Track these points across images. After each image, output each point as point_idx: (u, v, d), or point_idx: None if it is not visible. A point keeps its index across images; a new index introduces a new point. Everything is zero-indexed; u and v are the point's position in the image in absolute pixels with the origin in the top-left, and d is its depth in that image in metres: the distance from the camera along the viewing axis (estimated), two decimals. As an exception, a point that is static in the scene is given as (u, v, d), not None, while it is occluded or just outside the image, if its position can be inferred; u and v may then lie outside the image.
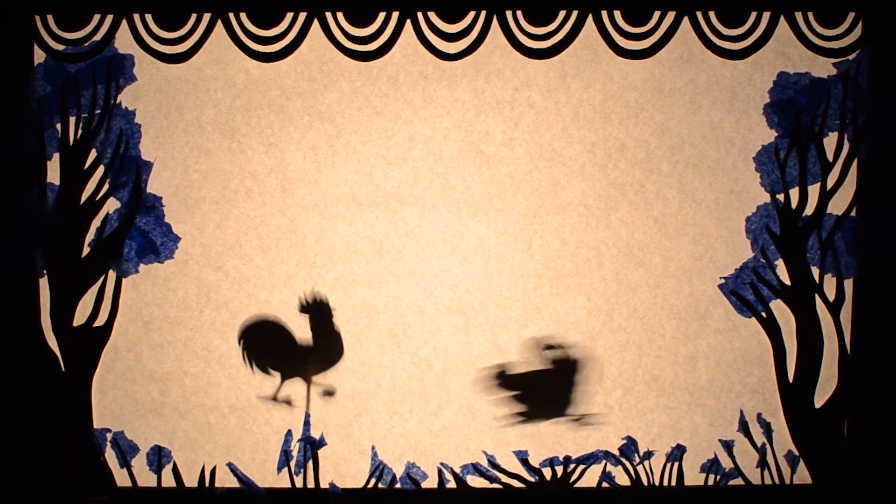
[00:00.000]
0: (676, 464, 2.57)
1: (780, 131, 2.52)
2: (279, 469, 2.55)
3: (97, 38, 2.48)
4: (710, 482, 2.57)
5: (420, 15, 2.46)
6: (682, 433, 2.60)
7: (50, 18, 2.47)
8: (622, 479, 2.58)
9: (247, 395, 2.59)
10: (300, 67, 2.55)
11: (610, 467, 2.57)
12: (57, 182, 2.52)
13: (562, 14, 2.46)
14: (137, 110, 2.54)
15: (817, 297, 2.54)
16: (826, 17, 2.47)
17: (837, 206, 2.53)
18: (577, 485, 2.58)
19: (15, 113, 2.47)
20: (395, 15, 2.47)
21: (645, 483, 2.57)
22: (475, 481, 2.58)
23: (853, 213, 2.53)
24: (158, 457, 2.57)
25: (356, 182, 2.57)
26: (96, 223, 2.54)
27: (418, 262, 2.58)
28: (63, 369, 2.54)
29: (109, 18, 2.48)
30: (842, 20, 2.46)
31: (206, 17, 2.48)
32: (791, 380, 2.56)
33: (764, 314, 2.56)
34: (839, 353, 2.54)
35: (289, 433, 2.55)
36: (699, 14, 2.46)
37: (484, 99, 2.55)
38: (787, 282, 2.55)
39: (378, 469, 2.55)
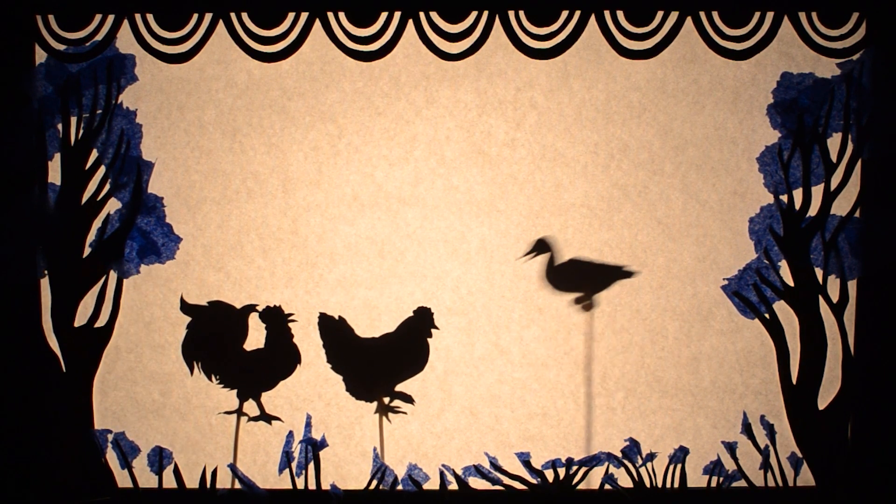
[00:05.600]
0: (679, 465, 2.56)
1: (784, 132, 2.52)
2: (280, 470, 2.55)
3: (98, 38, 2.48)
4: (713, 484, 2.56)
5: (422, 15, 2.46)
6: (685, 435, 2.59)
7: (51, 18, 2.47)
8: (625, 481, 2.57)
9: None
10: (302, 67, 2.54)
11: (612, 469, 2.56)
12: (58, 182, 2.52)
13: (564, 14, 2.45)
14: (139, 110, 2.53)
15: (821, 299, 2.53)
16: (830, 17, 2.46)
17: (841, 207, 2.52)
18: (579, 487, 2.57)
19: (16, 113, 2.47)
20: (397, 15, 2.46)
21: (647, 485, 2.56)
22: (477, 483, 2.57)
23: (857, 214, 2.52)
24: (160, 458, 2.56)
25: (358, 182, 2.57)
26: (97, 224, 2.54)
27: (420, 263, 2.57)
28: (64, 370, 2.54)
29: (111, 18, 2.47)
30: (846, 20, 2.45)
31: (208, 17, 2.47)
32: (794, 381, 2.55)
33: (767, 315, 2.55)
34: (843, 354, 2.54)
35: (290, 434, 2.54)
36: (702, 14, 2.45)
37: (486, 99, 2.55)
38: (791, 283, 2.54)
39: (380, 471, 2.55)
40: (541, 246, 2.55)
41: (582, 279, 2.56)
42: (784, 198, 2.53)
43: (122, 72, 2.51)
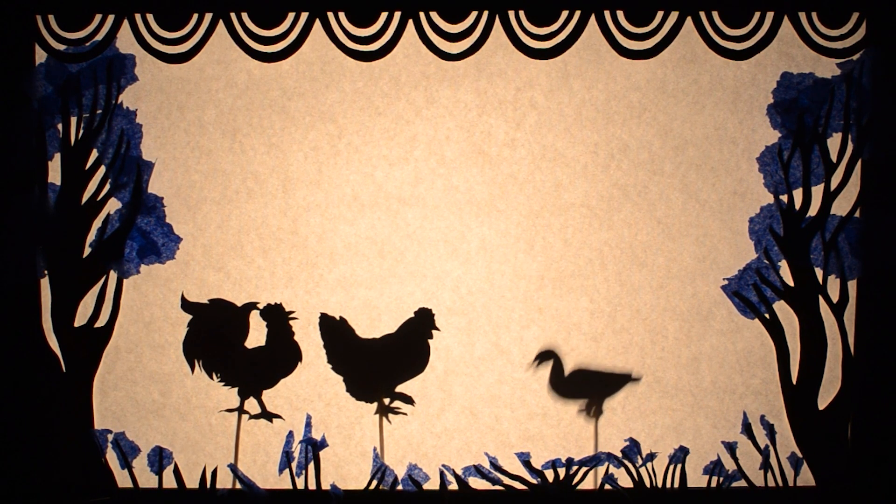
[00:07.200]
0: (679, 466, 2.56)
1: (784, 132, 2.52)
2: (280, 470, 2.55)
3: (98, 37, 2.48)
4: (713, 484, 2.56)
5: (422, 15, 2.46)
6: (685, 435, 2.59)
7: (51, 18, 2.47)
8: (624, 481, 2.57)
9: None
10: (302, 67, 2.54)
11: (612, 469, 2.56)
12: (58, 182, 2.52)
13: (564, 14, 2.45)
14: (139, 110, 2.54)
15: (821, 299, 2.53)
16: (830, 17, 2.46)
17: (841, 207, 2.52)
18: (579, 487, 2.57)
19: (16, 113, 2.47)
20: (398, 15, 2.46)
21: (647, 485, 2.56)
22: (477, 483, 2.57)
23: (857, 215, 2.52)
24: (159, 458, 2.57)
25: (358, 182, 2.57)
26: (97, 224, 2.54)
27: (420, 263, 2.57)
28: (64, 370, 2.54)
29: (111, 18, 2.47)
30: (846, 20, 2.45)
31: (208, 17, 2.47)
32: (794, 381, 2.55)
33: (767, 315, 2.55)
34: (843, 354, 2.54)
35: (290, 434, 2.54)
36: (702, 14, 2.45)
37: (486, 99, 2.55)
38: (791, 283, 2.54)
39: (380, 470, 2.55)
40: (547, 356, 2.55)
41: (589, 387, 2.56)
42: (784, 198, 2.53)
43: (122, 72, 2.51)
